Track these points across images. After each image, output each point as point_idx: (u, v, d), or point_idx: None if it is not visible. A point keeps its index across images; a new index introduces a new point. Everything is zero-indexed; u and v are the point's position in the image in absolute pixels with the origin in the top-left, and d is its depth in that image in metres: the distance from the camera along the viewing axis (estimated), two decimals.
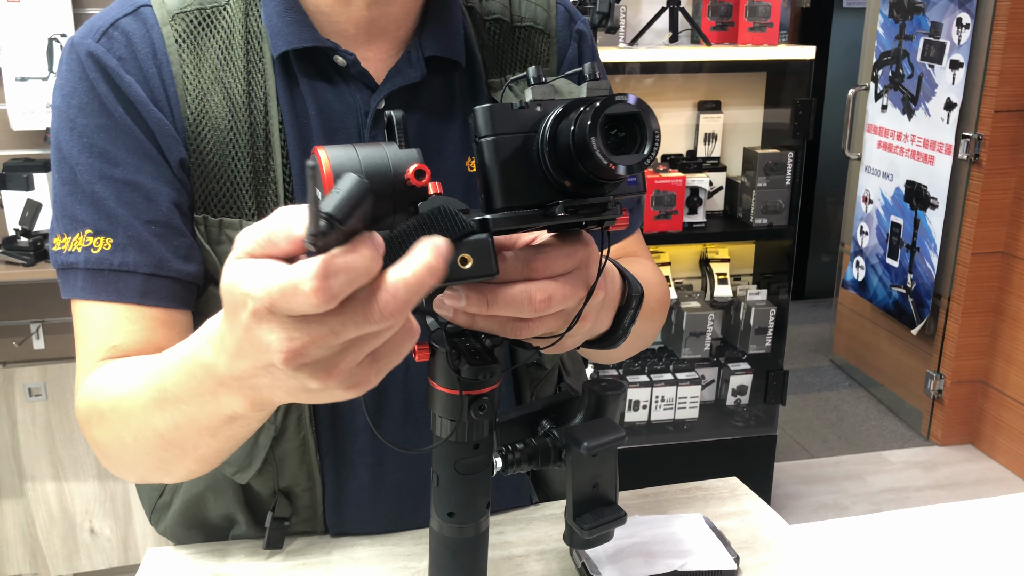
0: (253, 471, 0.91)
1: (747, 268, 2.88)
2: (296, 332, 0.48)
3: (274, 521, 0.92)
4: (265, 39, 0.82)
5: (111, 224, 0.79)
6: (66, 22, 2.13)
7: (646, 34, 2.56)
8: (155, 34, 0.81)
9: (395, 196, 0.57)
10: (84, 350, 0.81)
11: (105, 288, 0.79)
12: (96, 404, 0.76)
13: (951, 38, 3.08)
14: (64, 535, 2.44)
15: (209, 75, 0.81)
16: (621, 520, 0.71)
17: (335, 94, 0.83)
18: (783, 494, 3.00)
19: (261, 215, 0.81)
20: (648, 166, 0.55)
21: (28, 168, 2.15)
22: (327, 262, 0.45)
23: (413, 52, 0.84)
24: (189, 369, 0.61)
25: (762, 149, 2.65)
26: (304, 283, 0.45)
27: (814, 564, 0.92)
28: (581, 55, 0.95)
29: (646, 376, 2.69)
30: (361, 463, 0.93)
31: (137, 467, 0.76)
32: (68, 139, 0.79)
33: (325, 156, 0.55)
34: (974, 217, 3.11)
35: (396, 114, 0.58)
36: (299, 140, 0.82)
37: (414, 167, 0.56)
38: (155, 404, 0.67)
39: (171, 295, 0.81)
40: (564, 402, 0.74)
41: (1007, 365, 3.16)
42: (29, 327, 2.34)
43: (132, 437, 0.72)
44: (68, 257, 0.79)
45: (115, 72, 0.79)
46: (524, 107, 0.57)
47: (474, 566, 0.71)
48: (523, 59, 0.91)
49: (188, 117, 0.81)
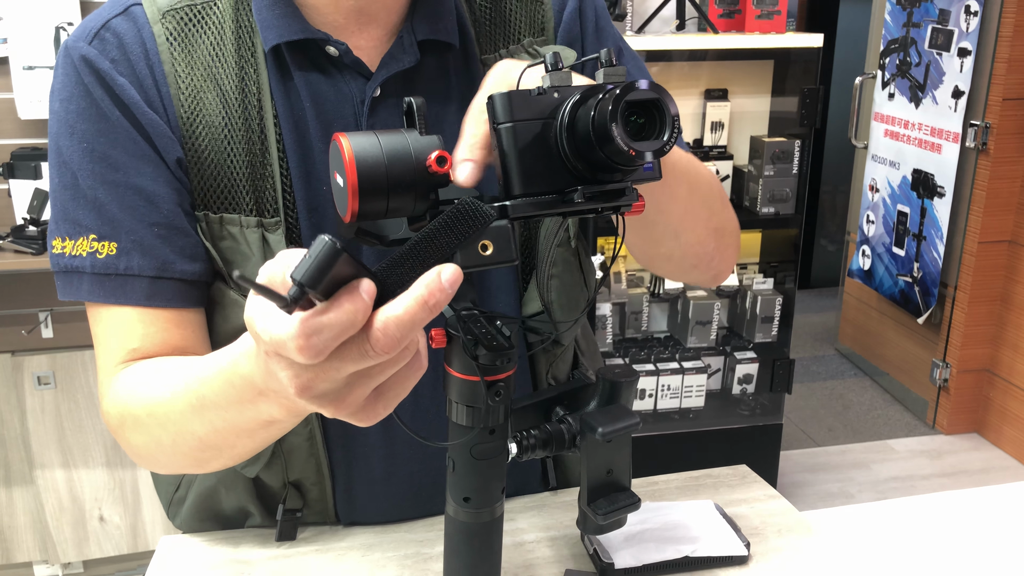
0: (261, 465, 0.91)
1: (753, 257, 2.88)
2: (300, 370, 0.52)
3: (285, 513, 0.93)
4: (256, 33, 0.82)
5: (114, 229, 0.79)
6: (73, 11, 2.13)
7: (653, 22, 2.55)
8: (146, 33, 0.81)
9: (416, 182, 0.57)
10: (104, 353, 0.82)
11: (113, 292, 0.80)
12: (130, 409, 0.77)
13: (959, 25, 3.06)
14: (74, 522, 2.45)
15: (201, 72, 0.81)
16: (635, 505, 0.71)
17: (330, 84, 0.83)
18: (789, 482, 3.00)
19: (259, 210, 0.82)
20: (668, 152, 0.55)
21: (36, 157, 2.15)
22: (306, 323, 0.48)
23: (406, 37, 0.84)
24: (227, 378, 0.64)
25: (769, 137, 2.65)
26: (289, 341, 0.49)
27: (824, 550, 0.93)
28: (582, 12, 0.92)
29: (652, 365, 2.69)
30: (374, 455, 0.93)
31: (172, 465, 0.79)
32: (68, 144, 0.80)
33: (347, 143, 0.55)
34: (981, 206, 3.10)
35: (416, 100, 0.58)
36: (295, 133, 0.82)
37: (436, 153, 0.56)
38: (193, 410, 0.70)
39: (177, 295, 0.82)
40: (578, 388, 0.74)
41: (1013, 354, 3.16)
42: (38, 316, 2.34)
43: (171, 440, 0.74)
44: (72, 261, 0.80)
45: (108, 75, 0.79)
46: (542, 93, 0.57)
47: (489, 550, 0.72)
48: (516, 31, 0.89)
49: (182, 115, 0.81)
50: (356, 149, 0.56)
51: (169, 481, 1.00)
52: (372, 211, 0.57)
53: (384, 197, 0.56)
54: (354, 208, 0.56)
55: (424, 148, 0.58)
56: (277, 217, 0.82)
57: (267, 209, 0.82)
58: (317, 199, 0.83)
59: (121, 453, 2.43)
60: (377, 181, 0.56)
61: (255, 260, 0.82)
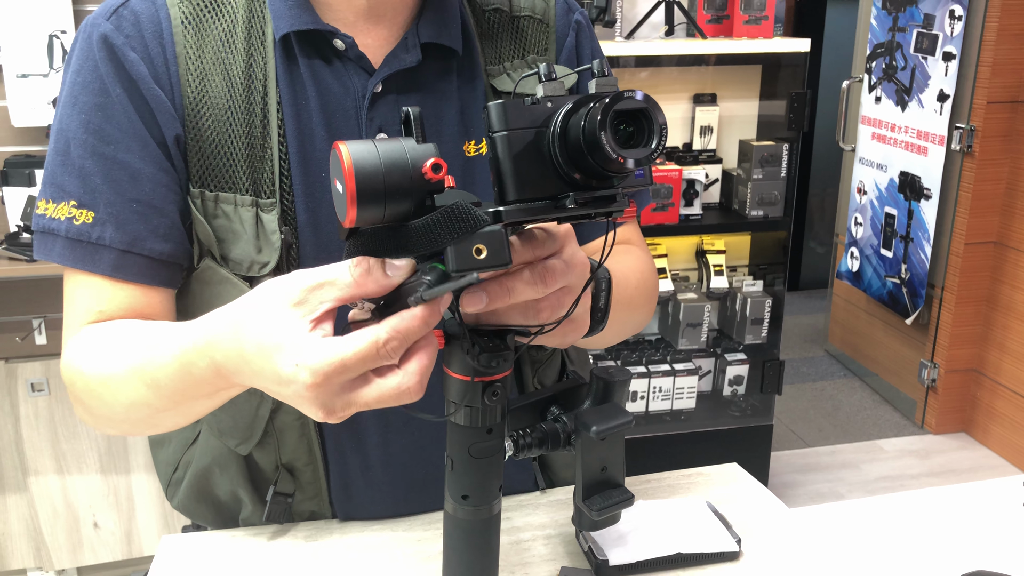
0: (254, 442, 0.94)
1: (743, 259, 2.90)
2: (339, 398, 0.60)
3: (276, 495, 0.95)
4: (268, 23, 0.86)
5: (94, 198, 0.83)
6: (66, 18, 2.14)
7: (642, 28, 2.57)
8: (163, 14, 0.85)
9: (412, 189, 0.59)
10: (71, 311, 0.86)
11: (82, 258, 0.84)
12: (84, 374, 0.81)
13: (944, 30, 3.10)
14: (68, 529, 2.46)
15: (211, 56, 0.85)
16: (629, 501, 0.73)
17: (334, 76, 0.87)
18: (780, 483, 3.03)
19: (256, 191, 0.85)
20: (655, 160, 0.57)
21: (29, 164, 2.16)
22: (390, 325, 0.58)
23: (410, 38, 0.88)
24: (185, 367, 0.69)
25: (757, 141, 2.67)
26: (371, 346, 0.58)
27: (813, 546, 0.95)
28: (579, 45, 0.98)
29: (643, 367, 2.71)
30: (368, 443, 0.95)
31: (121, 427, 0.82)
32: (69, 113, 0.84)
33: (346, 151, 0.57)
34: (967, 207, 3.13)
35: (413, 110, 0.60)
36: (296, 120, 0.86)
37: (431, 161, 0.58)
38: (147, 387, 0.74)
39: (144, 272, 0.85)
40: (572, 388, 0.76)
41: (1000, 354, 3.19)
42: (31, 322, 2.35)
43: (123, 408, 0.78)
44: (51, 223, 0.84)
45: (121, 51, 0.83)
46: (536, 103, 0.59)
47: (487, 547, 0.73)
48: (521, 48, 0.95)
49: (188, 95, 0.84)
50: (355, 157, 0.57)
51: (169, 462, 1.03)
52: (370, 217, 0.59)
53: (381, 203, 0.58)
54: (352, 214, 0.58)
55: (420, 156, 0.60)
56: (273, 198, 0.85)
57: (264, 190, 0.86)
58: (314, 184, 0.87)
59: (115, 459, 2.43)
60: (375, 188, 0.57)
61: (246, 238, 0.86)
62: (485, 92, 0.92)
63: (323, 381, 0.58)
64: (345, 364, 0.58)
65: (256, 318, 0.62)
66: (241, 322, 0.63)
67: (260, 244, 0.85)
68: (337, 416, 0.61)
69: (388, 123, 0.88)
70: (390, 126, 0.88)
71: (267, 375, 0.61)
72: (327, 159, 0.86)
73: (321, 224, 0.87)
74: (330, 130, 0.87)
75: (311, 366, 0.58)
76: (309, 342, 0.59)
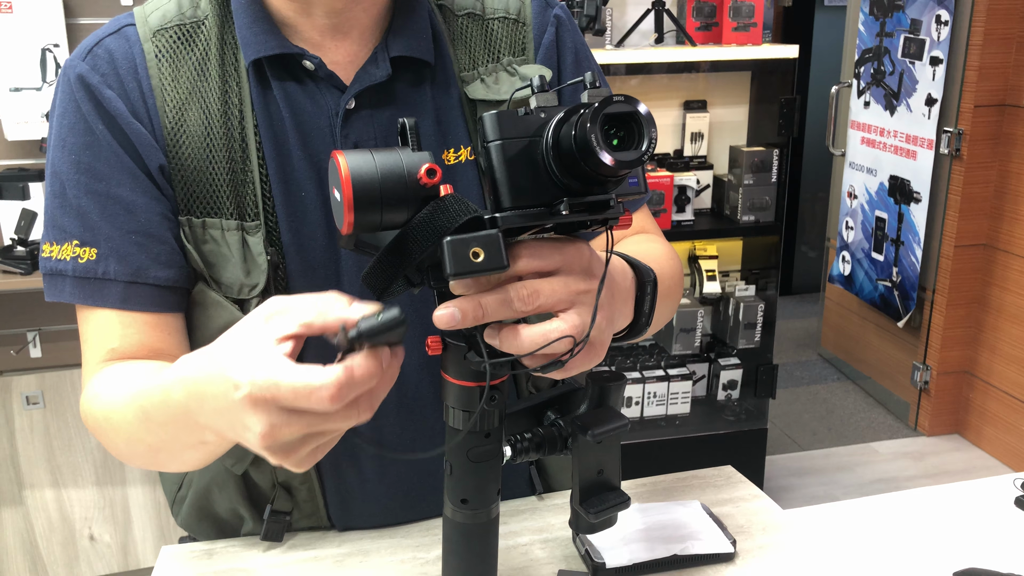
0: (248, 461, 0.94)
1: (735, 264, 2.92)
2: (280, 420, 0.58)
3: (273, 514, 0.96)
4: (240, 49, 0.88)
5: (95, 235, 0.85)
6: (59, 32, 2.15)
7: (632, 35, 2.59)
8: (136, 50, 0.87)
9: (408, 196, 0.60)
10: (88, 352, 0.88)
11: (91, 295, 0.86)
12: (93, 412, 0.84)
13: (931, 35, 3.13)
14: (64, 542, 2.45)
15: (187, 86, 0.87)
16: (625, 504, 0.74)
17: (307, 96, 0.88)
18: (775, 486, 3.04)
19: (240, 214, 0.87)
20: (645, 162, 0.58)
21: (23, 178, 2.16)
22: (348, 374, 0.56)
23: (379, 53, 0.89)
24: (165, 403, 0.70)
25: (748, 147, 2.70)
26: (323, 389, 0.55)
27: (808, 547, 0.96)
28: (560, 40, 0.97)
29: (638, 372, 2.73)
30: (363, 456, 0.96)
31: (135, 462, 0.85)
32: (60, 156, 0.86)
33: (343, 160, 0.59)
34: (956, 210, 3.16)
35: (409, 121, 0.61)
36: (274, 142, 0.88)
37: (426, 166, 0.60)
38: (139, 422, 0.75)
39: (152, 300, 0.87)
40: (568, 393, 0.77)
41: (991, 355, 3.22)
42: (26, 335, 2.35)
43: (124, 443, 0.80)
44: (57, 264, 0.86)
45: (97, 89, 0.85)
46: (528, 113, 0.61)
47: (486, 550, 0.74)
48: (496, 50, 0.95)
49: (167, 126, 0.86)
50: (352, 165, 0.59)
51: (173, 480, 1.04)
52: (367, 223, 0.60)
53: (378, 210, 0.59)
54: (349, 220, 0.59)
55: (415, 163, 0.61)
56: (257, 220, 0.87)
57: (248, 213, 0.87)
58: (295, 204, 0.88)
59: (111, 471, 2.43)
60: (371, 195, 0.59)
61: (235, 262, 0.87)
62: (460, 99, 0.92)
63: (260, 394, 0.58)
64: (280, 387, 0.57)
65: (224, 348, 0.63)
66: (212, 349, 0.64)
67: (248, 267, 0.86)
68: (288, 453, 0.61)
69: (363, 139, 0.89)
70: (366, 142, 0.89)
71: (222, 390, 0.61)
72: (306, 179, 0.87)
73: (304, 242, 0.88)
74: (307, 150, 0.88)
75: (255, 378, 0.58)
76: (265, 354, 0.59)
